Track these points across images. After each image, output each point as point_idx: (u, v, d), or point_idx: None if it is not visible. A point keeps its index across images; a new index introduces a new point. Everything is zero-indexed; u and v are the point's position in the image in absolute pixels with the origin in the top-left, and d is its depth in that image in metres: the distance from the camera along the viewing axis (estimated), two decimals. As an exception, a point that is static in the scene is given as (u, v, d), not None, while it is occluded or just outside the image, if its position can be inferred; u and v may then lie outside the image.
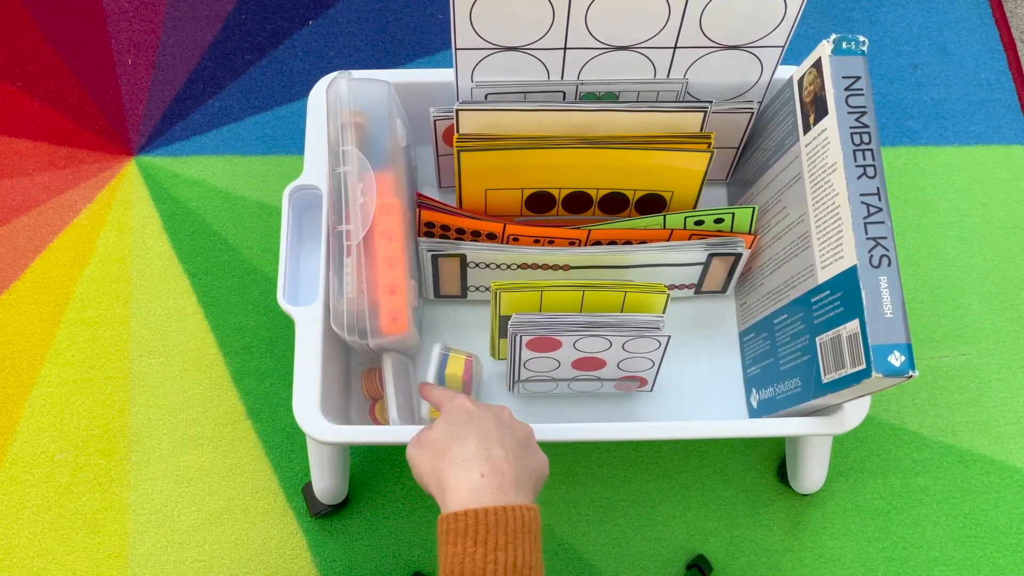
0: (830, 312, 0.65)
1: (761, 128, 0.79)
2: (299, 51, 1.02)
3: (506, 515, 0.53)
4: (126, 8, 1.04)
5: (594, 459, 0.86)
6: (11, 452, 0.86)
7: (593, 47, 0.70)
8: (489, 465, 0.56)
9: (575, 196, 0.81)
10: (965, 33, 1.05)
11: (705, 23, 0.68)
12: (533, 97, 0.75)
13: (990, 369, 0.91)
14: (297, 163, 0.97)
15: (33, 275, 0.92)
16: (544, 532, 0.84)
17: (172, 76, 1.01)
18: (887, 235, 0.62)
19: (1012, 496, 0.87)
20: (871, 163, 0.64)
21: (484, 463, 0.56)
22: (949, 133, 1.01)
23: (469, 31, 0.68)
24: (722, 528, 0.84)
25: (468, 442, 0.57)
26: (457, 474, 0.56)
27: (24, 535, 0.83)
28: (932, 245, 0.96)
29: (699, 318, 0.86)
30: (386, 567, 0.83)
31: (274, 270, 0.92)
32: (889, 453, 0.88)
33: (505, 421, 0.60)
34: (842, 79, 0.66)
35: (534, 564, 0.52)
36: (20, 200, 0.95)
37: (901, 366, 0.59)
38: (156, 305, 0.91)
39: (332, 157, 0.73)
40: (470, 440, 0.57)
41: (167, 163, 0.97)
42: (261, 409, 0.87)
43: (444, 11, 1.05)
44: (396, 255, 0.72)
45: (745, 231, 0.79)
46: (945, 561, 0.84)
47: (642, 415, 0.83)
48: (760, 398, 0.80)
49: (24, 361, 0.89)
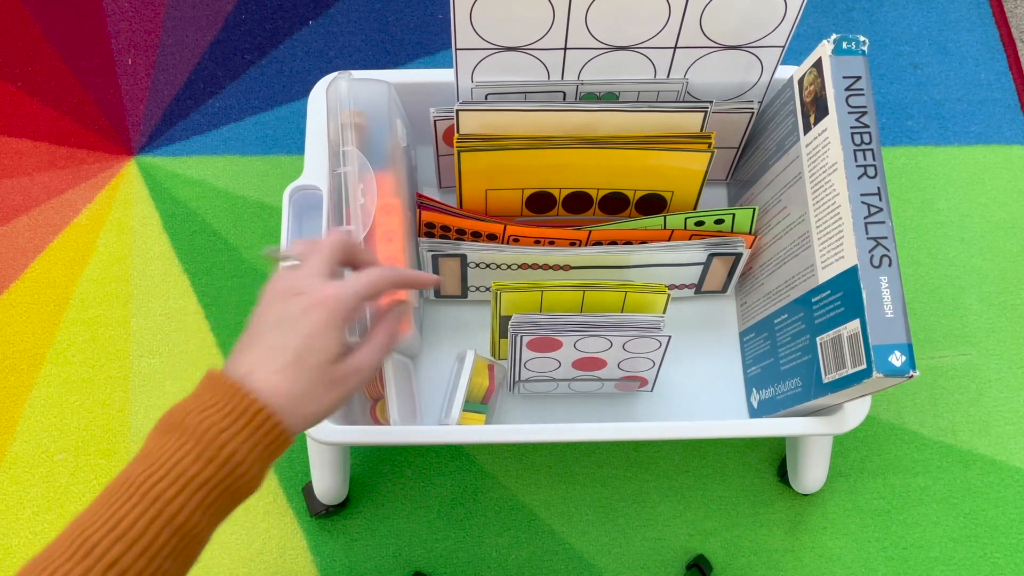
0: (831, 312, 0.65)
1: (761, 128, 0.79)
2: (299, 51, 1.02)
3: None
4: (126, 8, 1.04)
5: (594, 459, 0.86)
6: (11, 452, 0.86)
7: (593, 47, 0.70)
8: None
9: (575, 196, 0.81)
10: (965, 33, 1.05)
11: (705, 23, 0.68)
12: (533, 97, 0.75)
13: (990, 369, 0.91)
14: (297, 163, 0.96)
15: (33, 275, 0.92)
16: (544, 532, 0.84)
17: (172, 76, 1.01)
18: (888, 235, 0.62)
19: (1012, 496, 0.87)
20: (871, 163, 0.64)
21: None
22: (949, 133, 1.01)
23: (469, 31, 0.68)
24: (722, 528, 0.85)
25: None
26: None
27: (24, 535, 0.83)
28: (932, 245, 0.96)
29: (699, 318, 0.86)
30: (386, 567, 0.83)
31: (274, 270, 0.92)
32: (889, 453, 0.88)
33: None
34: (842, 79, 0.66)
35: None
36: (20, 200, 0.95)
37: (902, 366, 0.59)
38: (156, 305, 0.91)
39: (332, 157, 0.73)
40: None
41: (167, 163, 0.97)
42: (261, 409, 0.87)
43: (444, 11, 1.05)
44: (397, 255, 0.72)
45: (745, 232, 0.79)
46: (945, 561, 0.84)
47: (642, 415, 0.83)
48: (760, 398, 0.80)
49: (24, 361, 0.89)
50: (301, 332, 0.50)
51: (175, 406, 0.48)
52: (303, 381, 0.49)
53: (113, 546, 0.42)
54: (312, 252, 0.54)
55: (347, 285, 0.52)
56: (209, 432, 0.46)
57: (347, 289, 0.52)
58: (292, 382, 0.49)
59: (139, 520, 0.43)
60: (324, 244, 0.55)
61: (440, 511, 0.84)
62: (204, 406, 0.47)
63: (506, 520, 0.84)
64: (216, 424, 0.46)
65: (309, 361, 0.50)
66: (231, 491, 0.46)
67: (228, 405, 0.47)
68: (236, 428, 0.47)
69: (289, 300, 0.51)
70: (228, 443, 0.46)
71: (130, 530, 0.42)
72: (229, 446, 0.46)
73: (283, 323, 0.50)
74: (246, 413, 0.47)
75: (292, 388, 0.49)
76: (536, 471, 0.86)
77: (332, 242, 0.55)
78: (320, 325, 0.50)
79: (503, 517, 0.84)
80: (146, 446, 0.47)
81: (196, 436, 0.46)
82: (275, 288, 0.53)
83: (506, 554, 0.83)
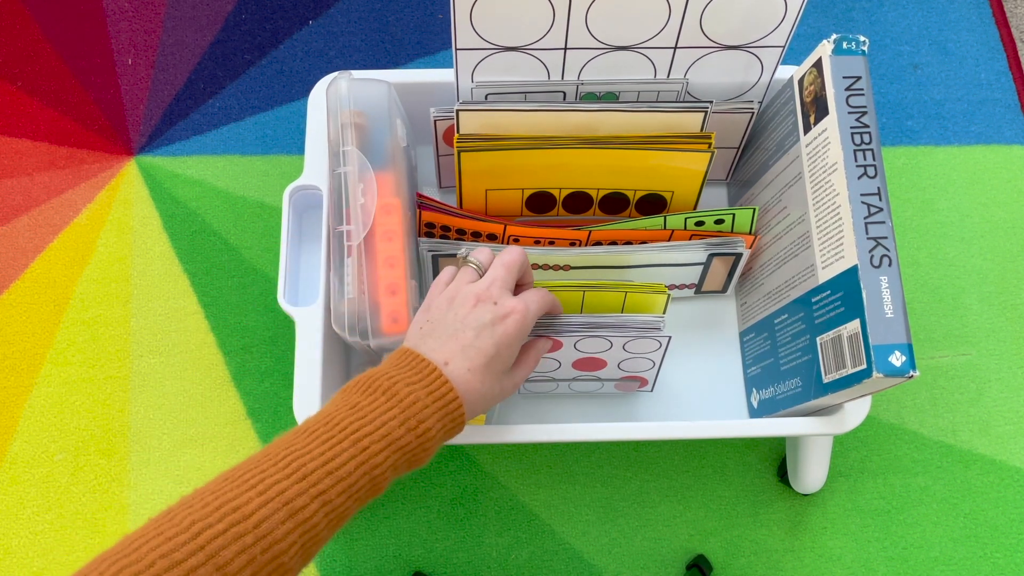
0: (831, 312, 0.65)
1: (761, 128, 0.79)
2: (299, 51, 1.02)
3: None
4: (126, 8, 1.04)
5: (594, 459, 0.86)
6: (11, 452, 0.86)
7: (593, 47, 0.70)
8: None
9: (575, 196, 0.81)
10: (965, 33, 1.05)
11: (705, 23, 0.68)
12: (533, 97, 0.75)
13: (990, 369, 0.91)
14: (297, 163, 0.97)
15: (33, 275, 0.92)
16: (544, 532, 0.84)
17: (172, 76, 1.01)
18: (888, 235, 0.62)
19: (1012, 496, 0.87)
20: (871, 163, 0.64)
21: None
22: (949, 133, 1.01)
23: (469, 31, 0.68)
24: (722, 528, 0.85)
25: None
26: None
27: (24, 535, 0.83)
28: (932, 245, 0.96)
29: (699, 318, 0.86)
30: (386, 567, 0.83)
31: (274, 270, 0.92)
32: (889, 453, 0.88)
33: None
34: (842, 79, 0.66)
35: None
36: (20, 200, 0.95)
37: (902, 366, 0.59)
38: (156, 305, 0.91)
39: (332, 157, 0.73)
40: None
41: (167, 163, 0.97)
42: (261, 409, 0.87)
43: (444, 11, 1.05)
44: (397, 255, 0.72)
45: (745, 232, 0.79)
46: (945, 561, 0.84)
47: (642, 415, 0.83)
48: (760, 398, 0.80)
49: (24, 361, 0.89)
50: (495, 339, 0.58)
51: (377, 370, 0.56)
52: (487, 383, 0.58)
53: (324, 478, 0.49)
54: (499, 265, 0.62)
55: (531, 303, 0.61)
56: (415, 405, 0.54)
57: (531, 308, 0.60)
58: (480, 382, 0.57)
59: (348, 462, 0.50)
60: (510, 260, 0.62)
61: (440, 511, 0.84)
62: (410, 380, 0.55)
63: (506, 520, 0.84)
64: (421, 399, 0.54)
65: (496, 367, 0.58)
66: (414, 459, 0.54)
67: (431, 385, 0.55)
68: (435, 407, 0.55)
69: (483, 305, 0.59)
70: (427, 419, 0.54)
71: (339, 469, 0.50)
72: (428, 422, 0.54)
73: (479, 327, 0.58)
74: (444, 397, 0.55)
75: (479, 387, 0.57)
76: (536, 471, 0.86)
77: (515, 260, 0.63)
78: (509, 337, 0.59)
79: (503, 517, 0.84)
80: (351, 398, 0.54)
81: (403, 406, 0.53)
82: (466, 290, 0.60)
83: (506, 554, 0.83)
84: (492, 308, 0.59)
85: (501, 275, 0.61)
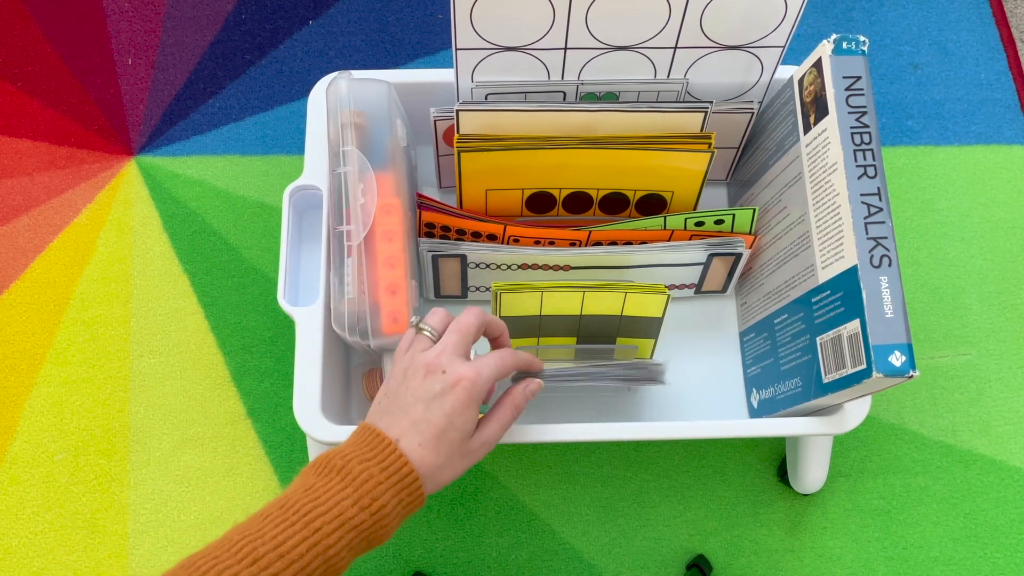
0: (831, 312, 0.65)
1: (761, 128, 0.79)
2: (299, 51, 1.02)
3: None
4: (126, 8, 1.04)
5: (594, 459, 0.86)
6: (11, 452, 0.86)
7: (593, 47, 0.70)
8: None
9: (575, 196, 0.81)
10: (965, 33, 1.05)
11: (705, 23, 0.68)
12: (533, 97, 0.75)
13: (990, 369, 0.91)
14: (297, 163, 0.97)
15: (33, 275, 0.92)
16: (544, 532, 0.84)
17: (172, 76, 1.01)
18: (888, 235, 0.62)
19: (1012, 496, 0.87)
20: (871, 163, 0.64)
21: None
22: (949, 133, 1.01)
23: (469, 31, 0.68)
24: (722, 528, 0.85)
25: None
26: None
27: (24, 535, 0.83)
28: (932, 245, 0.96)
29: (699, 318, 0.86)
30: (386, 567, 0.83)
31: (274, 270, 0.92)
32: (889, 453, 0.88)
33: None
34: (842, 79, 0.66)
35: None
36: (20, 200, 0.95)
37: (902, 366, 0.59)
38: (156, 305, 0.91)
39: (332, 157, 0.73)
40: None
41: (167, 163, 0.97)
42: (261, 409, 0.87)
43: (444, 11, 1.05)
44: (397, 255, 0.72)
45: (745, 232, 0.79)
46: (945, 561, 0.84)
47: (643, 415, 0.83)
48: (760, 398, 0.80)
49: (24, 361, 0.89)
50: (444, 410, 0.57)
51: (336, 449, 0.55)
52: (442, 455, 0.57)
53: (275, 562, 0.49)
54: (452, 331, 0.61)
55: (483, 368, 0.59)
56: (368, 483, 0.53)
57: (483, 373, 0.59)
58: (434, 455, 0.56)
59: (299, 545, 0.50)
60: (465, 323, 0.61)
61: (440, 511, 0.84)
62: (365, 457, 0.54)
63: (506, 520, 0.84)
64: (374, 476, 0.54)
65: (449, 436, 0.57)
66: (372, 537, 0.53)
67: (385, 461, 0.55)
68: (389, 484, 0.54)
69: (432, 377, 0.58)
70: (381, 496, 0.53)
71: (290, 552, 0.50)
72: (382, 499, 0.53)
73: (428, 399, 0.57)
74: (398, 473, 0.54)
75: (434, 460, 0.56)
76: (536, 471, 0.86)
77: (470, 323, 0.61)
78: (459, 406, 0.57)
79: (503, 517, 0.84)
80: (307, 480, 0.54)
81: (356, 484, 0.53)
82: (417, 361, 0.59)
83: (506, 554, 0.83)
84: (441, 378, 0.58)
85: (453, 341, 0.60)
